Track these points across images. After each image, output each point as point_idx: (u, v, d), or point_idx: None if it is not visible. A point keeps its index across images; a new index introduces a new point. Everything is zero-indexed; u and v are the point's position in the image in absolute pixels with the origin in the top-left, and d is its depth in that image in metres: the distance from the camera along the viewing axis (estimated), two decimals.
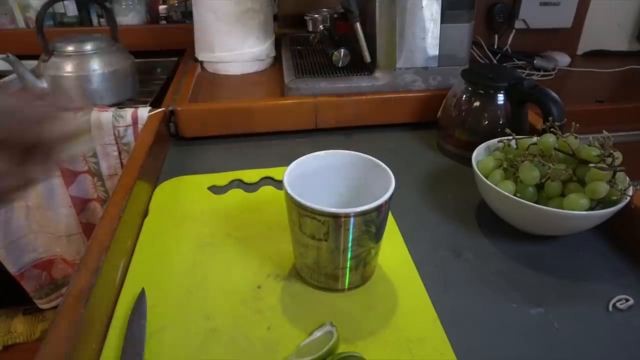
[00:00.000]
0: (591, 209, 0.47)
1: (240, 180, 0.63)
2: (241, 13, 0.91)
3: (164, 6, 1.18)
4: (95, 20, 1.18)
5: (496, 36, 1.06)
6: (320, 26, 0.94)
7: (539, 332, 0.41)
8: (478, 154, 0.56)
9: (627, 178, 0.48)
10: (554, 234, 0.52)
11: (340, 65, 0.80)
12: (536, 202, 0.47)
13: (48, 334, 0.35)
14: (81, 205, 0.90)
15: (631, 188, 0.48)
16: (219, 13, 0.90)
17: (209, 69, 0.97)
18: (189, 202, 0.58)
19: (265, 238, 0.51)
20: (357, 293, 0.44)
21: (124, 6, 1.15)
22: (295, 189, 0.40)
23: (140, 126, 0.78)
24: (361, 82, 0.76)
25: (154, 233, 0.52)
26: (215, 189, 0.61)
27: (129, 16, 1.16)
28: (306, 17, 0.95)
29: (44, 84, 0.82)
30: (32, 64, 0.86)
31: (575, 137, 0.51)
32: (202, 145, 0.73)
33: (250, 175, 0.64)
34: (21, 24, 1.14)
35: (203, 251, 0.49)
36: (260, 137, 0.75)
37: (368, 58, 0.76)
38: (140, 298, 0.43)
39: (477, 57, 1.03)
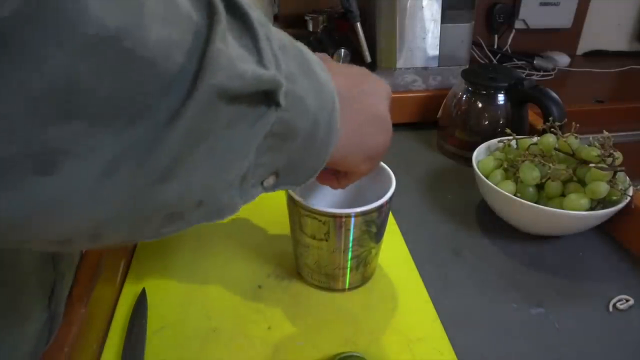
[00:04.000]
0: (591, 209, 0.47)
1: None
2: None
3: None
4: None
5: (496, 36, 1.06)
6: (321, 26, 0.94)
7: (539, 332, 0.41)
8: (478, 154, 0.56)
9: (627, 178, 0.49)
10: (554, 234, 0.52)
11: None
12: (536, 202, 0.47)
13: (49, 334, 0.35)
14: None
15: (631, 188, 0.48)
16: None
17: None
18: None
19: (266, 238, 0.51)
20: (357, 293, 0.44)
21: None
22: (296, 189, 0.40)
23: None
24: None
25: None
26: None
27: None
28: (306, 17, 0.95)
29: None
30: None
31: (576, 137, 0.51)
32: None
33: None
34: None
35: (203, 251, 0.49)
36: None
37: (368, 58, 0.76)
38: (141, 298, 0.43)
39: (477, 57, 1.03)
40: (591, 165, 0.46)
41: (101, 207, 0.18)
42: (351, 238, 0.40)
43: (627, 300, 0.44)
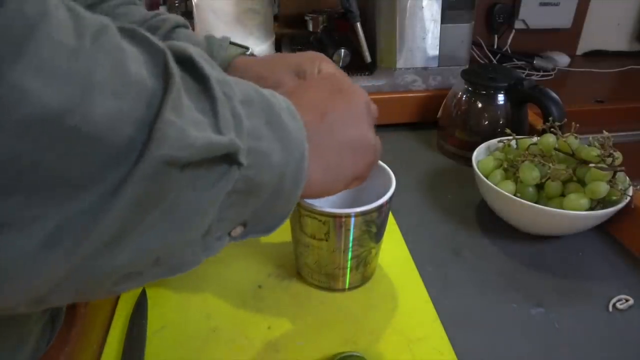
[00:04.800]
0: (591, 209, 0.47)
1: None
2: (241, 13, 0.91)
3: (164, 6, 1.18)
4: None
5: (496, 36, 1.06)
6: (321, 26, 0.94)
7: (539, 332, 0.41)
8: (478, 154, 0.56)
9: (627, 178, 0.49)
10: (554, 234, 0.52)
11: (340, 65, 0.80)
12: (536, 202, 0.47)
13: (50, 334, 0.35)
14: None
15: (631, 188, 0.48)
16: (219, 13, 0.90)
17: None
18: None
19: (266, 238, 0.51)
20: (357, 293, 0.44)
21: None
22: None
23: None
24: (361, 82, 0.76)
25: None
26: None
27: None
28: (306, 17, 0.95)
29: None
30: None
31: (575, 137, 0.51)
32: None
33: None
34: None
35: None
36: None
37: (368, 58, 0.76)
38: (141, 298, 0.43)
39: (477, 57, 1.03)
40: (591, 165, 0.46)
41: (43, 278, 0.17)
42: (351, 238, 0.40)
43: (627, 300, 0.44)
